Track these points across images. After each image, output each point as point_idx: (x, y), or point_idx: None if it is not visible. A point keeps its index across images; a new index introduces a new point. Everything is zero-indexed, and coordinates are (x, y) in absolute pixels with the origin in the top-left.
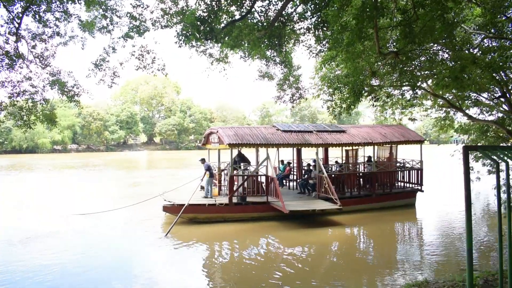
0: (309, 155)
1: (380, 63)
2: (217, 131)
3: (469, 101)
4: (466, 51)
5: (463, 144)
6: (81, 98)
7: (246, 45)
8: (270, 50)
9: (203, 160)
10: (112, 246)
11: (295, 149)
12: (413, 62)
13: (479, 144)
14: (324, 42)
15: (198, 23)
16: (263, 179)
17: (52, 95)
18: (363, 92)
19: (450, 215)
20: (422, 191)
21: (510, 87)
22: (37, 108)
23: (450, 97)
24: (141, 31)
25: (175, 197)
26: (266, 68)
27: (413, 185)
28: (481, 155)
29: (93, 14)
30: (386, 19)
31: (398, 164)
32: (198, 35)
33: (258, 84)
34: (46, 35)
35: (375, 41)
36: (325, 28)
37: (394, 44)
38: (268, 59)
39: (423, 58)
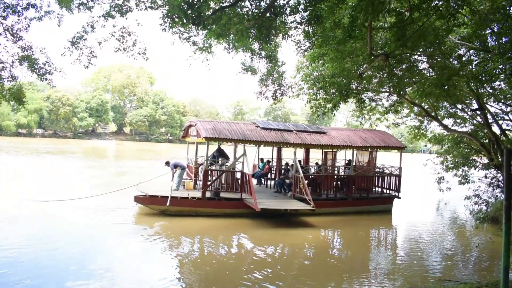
0: (290, 154)
1: (367, 65)
2: (195, 124)
3: (444, 112)
4: (451, 61)
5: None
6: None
7: (232, 35)
8: (257, 43)
9: (167, 163)
10: (77, 236)
11: (275, 147)
12: (400, 67)
13: (455, 153)
14: (313, 39)
15: (185, 6)
16: (240, 175)
17: (20, 72)
18: (349, 93)
19: (425, 224)
20: (399, 197)
21: (485, 101)
22: (3, 86)
23: (426, 107)
24: (124, 11)
25: (149, 188)
26: (250, 62)
27: (391, 191)
28: (452, 165)
29: None
30: (379, 21)
31: (377, 169)
32: (185, 19)
33: (233, 81)
34: (20, 6)
35: (367, 41)
36: (316, 24)
37: (382, 48)
38: (253, 52)
39: (403, 66)
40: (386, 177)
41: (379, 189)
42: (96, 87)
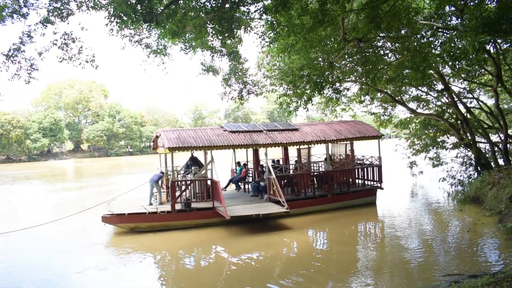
0: (269, 155)
1: (338, 54)
2: (160, 134)
3: (407, 96)
4: (422, 42)
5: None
6: None
7: (189, 34)
8: (218, 38)
9: None
10: (46, 267)
11: (251, 149)
12: (374, 52)
13: (422, 136)
14: (278, 30)
15: (133, 1)
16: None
17: None
18: (324, 84)
19: (408, 212)
20: (382, 188)
21: (447, 81)
22: None
23: (388, 93)
24: (64, 15)
25: (122, 206)
26: (211, 61)
27: (373, 183)
28: (421, 148)
29: None
30: (348, 5)
31: (357, 161)
32: (134, 16)
33: (190, 85)
34: None
35: (338, 26)
36: (284, 10)
37: (353, 32)
38: (213, 50)
39: (377, 51)
40: (365, 168)
41: (361, 182)
42: (48, 105)
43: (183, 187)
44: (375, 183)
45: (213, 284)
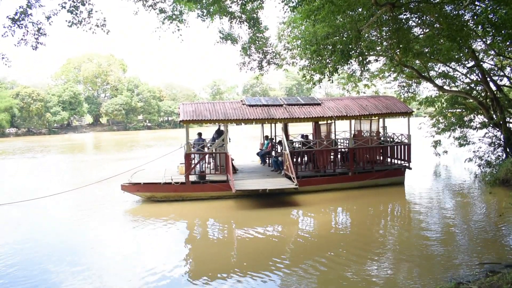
0: (300, 130)
1: (365, 22)
2: (179, 108)
3: (434, 72)
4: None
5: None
6: (18, 78)
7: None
8: (237, 1)
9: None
10: (65, 231)
11: (281, 124)
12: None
13: (448, 115)
14: None
15: None
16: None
17: None
18: (352, 53)
19: (439, 194)
20: (410, 168)
21: (481, 57)
22: None
23: (415, 68)
24: None
25: (148, 176)
26: (229, 28)
27: (401, 162)
28: (445, 126)
29: None
30: None
31: (387, 138)
32: None
33: (208, 59)
34: None
35: None
36: None
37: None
38: (232, 15)
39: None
40: (392, 147)
41: (389, 160)
42: (67, 79)
43: (198, 159)
44: (403, 162)
45: (225, 256)
